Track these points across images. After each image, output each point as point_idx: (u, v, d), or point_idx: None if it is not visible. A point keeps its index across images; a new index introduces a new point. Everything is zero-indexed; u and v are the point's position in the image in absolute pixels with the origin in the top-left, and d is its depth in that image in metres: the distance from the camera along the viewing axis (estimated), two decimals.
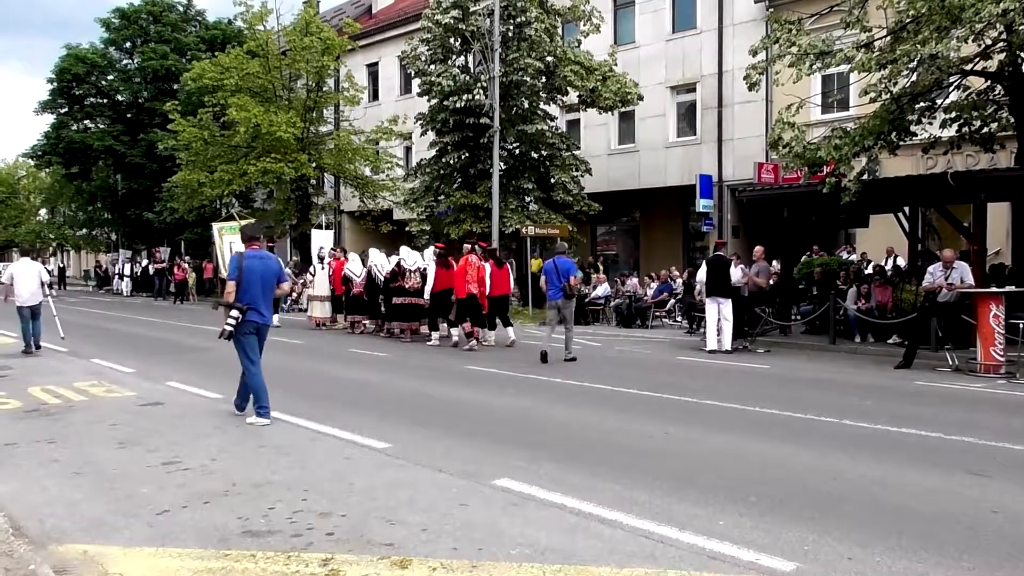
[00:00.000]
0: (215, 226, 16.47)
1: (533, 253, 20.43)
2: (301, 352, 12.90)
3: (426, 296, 13.49)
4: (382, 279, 14.65)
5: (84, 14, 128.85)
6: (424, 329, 14.40)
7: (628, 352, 12.91)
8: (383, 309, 15.06)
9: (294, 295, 23.07)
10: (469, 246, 13.53)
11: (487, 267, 13.25)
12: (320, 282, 17.09)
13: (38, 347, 12.07)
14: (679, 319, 17.41)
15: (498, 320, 13.85)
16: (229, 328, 6.72)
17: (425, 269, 13.84)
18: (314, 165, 25.04)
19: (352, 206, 28.47)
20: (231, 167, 24.89)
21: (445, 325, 13.68)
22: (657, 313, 17.46)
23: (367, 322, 15.90)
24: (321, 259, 17.56)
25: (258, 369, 6.91)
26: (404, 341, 14.26)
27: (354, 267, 15.82)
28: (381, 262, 14.91)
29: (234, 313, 6.70)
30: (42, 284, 12.26)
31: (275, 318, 17.12)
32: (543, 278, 11.99)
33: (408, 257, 14.38)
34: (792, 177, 15.20)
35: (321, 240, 22.07)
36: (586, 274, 19.66)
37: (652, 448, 6.02)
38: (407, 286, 14.07)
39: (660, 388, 8.74)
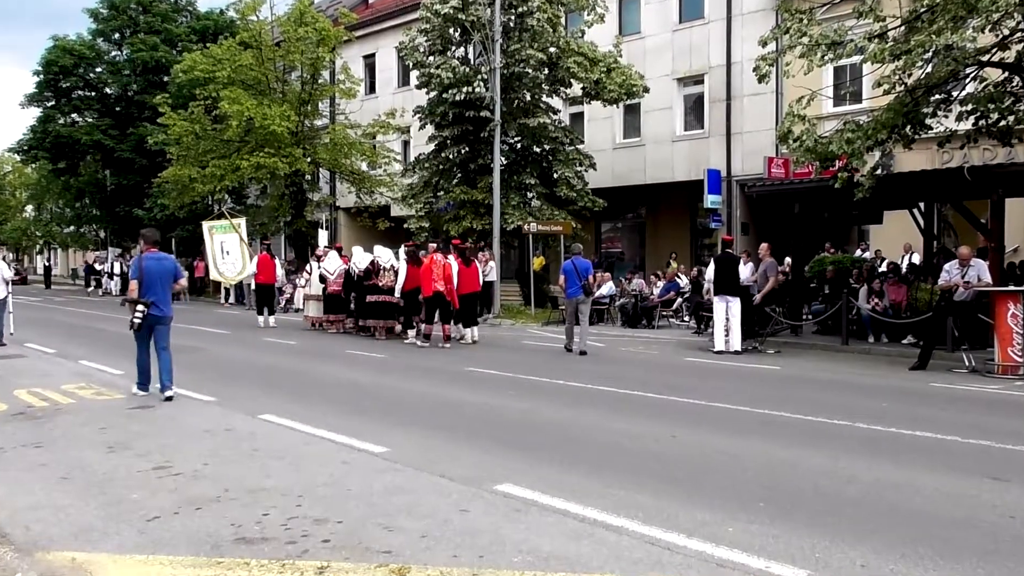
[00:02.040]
0: (205, 224, 16.37)
1: (535, 251, 20.22)
2: (295, 353, 12.77)
3: (396, 294, 13.72)
4: (357, 275, 14.83)
5: (76, 4, 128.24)
6: (399, 327, 14.51)
7: (633, 353, 12.77)
8: (352, 306, 15.31)
9: (287, 295, 22.87)
10: (435, 245, 13.80)
11: (454, 265, 13.31)
12: (316, 281, 17.01)
13: (1, 343, 12.88)
14: (686, 319, 17.15)
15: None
16: (137, 321, 7.77)
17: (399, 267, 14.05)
18: (309, 160, 24.63)
19: (348, 202, 28.10)
20: (223, 162, 24.48)
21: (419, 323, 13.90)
22: (664, 313, 17.27)
23: (334, 319, 16.04)
24: (318, 257, 17.37)
25: (146, 354, 8.00)
26: (380, 339, 14.33)
27: (329, 265, 15.82)
28: (361, 259, 15.02)
29: (140, 308, 7.73)
30: (4, 281, 13.03)
31: (271, 319, 17.13)
32: (562, 277, 12.54)
33: (382, 255, 14.58)
34: (803, 172, 15.05)
35: (323, 240, 22.06)
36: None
37: (658, 452, 5.91)
38: (381, 284, 14.28)
39: (666, 390, 8.62)
